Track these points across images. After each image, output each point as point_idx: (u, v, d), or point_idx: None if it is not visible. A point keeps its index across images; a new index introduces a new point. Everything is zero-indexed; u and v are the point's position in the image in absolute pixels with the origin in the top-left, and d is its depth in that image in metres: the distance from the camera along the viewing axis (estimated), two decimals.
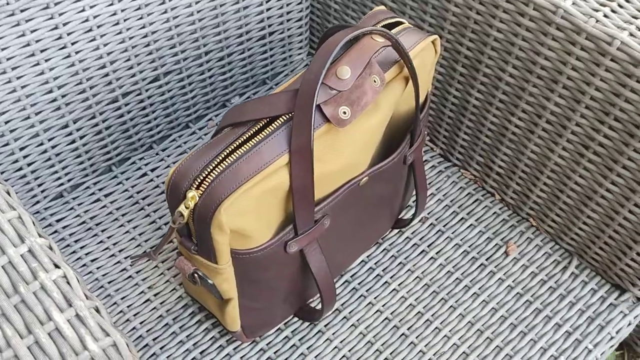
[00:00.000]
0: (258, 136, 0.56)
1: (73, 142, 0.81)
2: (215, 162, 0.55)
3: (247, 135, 0.57)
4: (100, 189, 0.85)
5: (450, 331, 0.74)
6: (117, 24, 0.75)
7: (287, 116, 0.57)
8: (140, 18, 0.77)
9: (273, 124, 0.56)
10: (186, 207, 0.55)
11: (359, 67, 0.58)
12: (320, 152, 0.59)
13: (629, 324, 0.76)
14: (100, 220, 0.82)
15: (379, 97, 0.62)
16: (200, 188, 0.54)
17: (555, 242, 0.82)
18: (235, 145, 0.56)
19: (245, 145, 0.56)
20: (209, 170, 0.55)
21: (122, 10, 0.75)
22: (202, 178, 0.55)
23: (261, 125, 0.57)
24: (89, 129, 0.81)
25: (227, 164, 0.55)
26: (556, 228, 0.81)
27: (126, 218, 0.82)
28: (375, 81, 0.59)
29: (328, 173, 0.60)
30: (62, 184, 0.83)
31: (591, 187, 0.74)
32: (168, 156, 0.89)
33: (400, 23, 0.65)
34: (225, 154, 0.56)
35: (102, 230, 0.81)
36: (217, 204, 0.54)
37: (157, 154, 0.89)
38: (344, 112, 0.57)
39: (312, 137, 0.55)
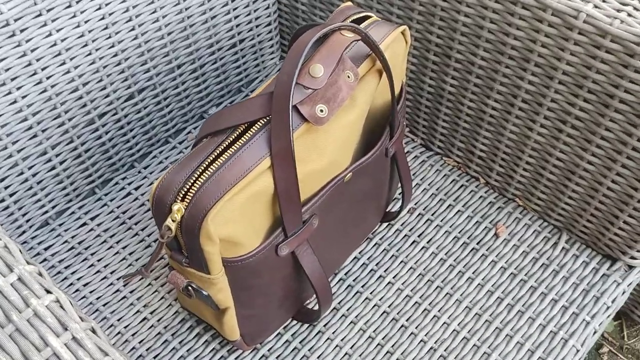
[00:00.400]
0: (238, 143, 0.56)
1: (53, 168, 0.80)
2: (198, 173, 0.55)
3: (226, 143, 0.57)
4: (85, 213, 0.85)
5: (449, 318, 0.74)
6: (86, 45, 0.75)
7: (265, 120, 0.57)
8: (109, 37, 0.77)
9: (251, 129, 0.56)
10: (173, 221, 0.54)
11: (331, 64, 0.58)
12: (302, 152, 0.59)
13: (623, 293, 0.77)
14: (88, 244, 0.82)
15: (355, 92, 0.62)
16: (185, 200, 0.54)
17: (544, 220, 0.83)
18: (215, 154, 0.56)
19: (225, 153, 0.56)
20: (192, 181, 0.55)
21: (90, 31, 0.74)
22: (185, 190, 0.54)
23: (240, 131, 0.57)
24: (68, 153, 0.80)
25: (209, 174, 0.54)
26: (543, 205, 0.82)
27: (114, 239, 0.82)
28: (349, 76, 0.59)
29: (311, 172, 0.60)
30: (46, 212, 0.83)
31: (573, 161, 0.74)
32: (151, 173, 0.89)
33: (369, 17, 0.66)
34: (207, 163, 0.55)
35: (92, 254, 0.81)
36: (203, 214, 0.53)
37: (139, 172, 0.89)
38: (321, 110, 0.57)
39: (292, 138, 0.55)
